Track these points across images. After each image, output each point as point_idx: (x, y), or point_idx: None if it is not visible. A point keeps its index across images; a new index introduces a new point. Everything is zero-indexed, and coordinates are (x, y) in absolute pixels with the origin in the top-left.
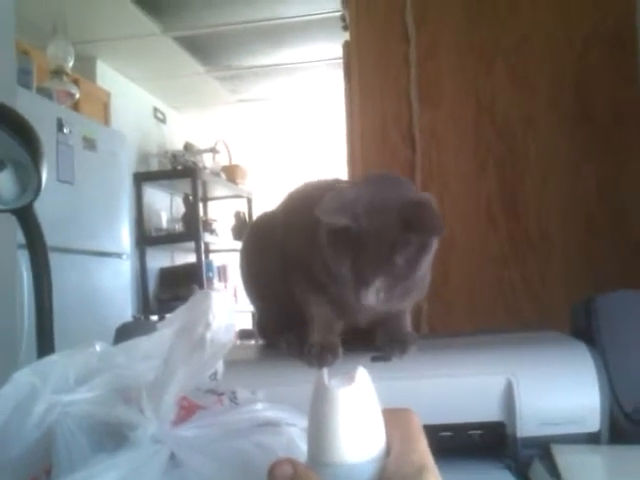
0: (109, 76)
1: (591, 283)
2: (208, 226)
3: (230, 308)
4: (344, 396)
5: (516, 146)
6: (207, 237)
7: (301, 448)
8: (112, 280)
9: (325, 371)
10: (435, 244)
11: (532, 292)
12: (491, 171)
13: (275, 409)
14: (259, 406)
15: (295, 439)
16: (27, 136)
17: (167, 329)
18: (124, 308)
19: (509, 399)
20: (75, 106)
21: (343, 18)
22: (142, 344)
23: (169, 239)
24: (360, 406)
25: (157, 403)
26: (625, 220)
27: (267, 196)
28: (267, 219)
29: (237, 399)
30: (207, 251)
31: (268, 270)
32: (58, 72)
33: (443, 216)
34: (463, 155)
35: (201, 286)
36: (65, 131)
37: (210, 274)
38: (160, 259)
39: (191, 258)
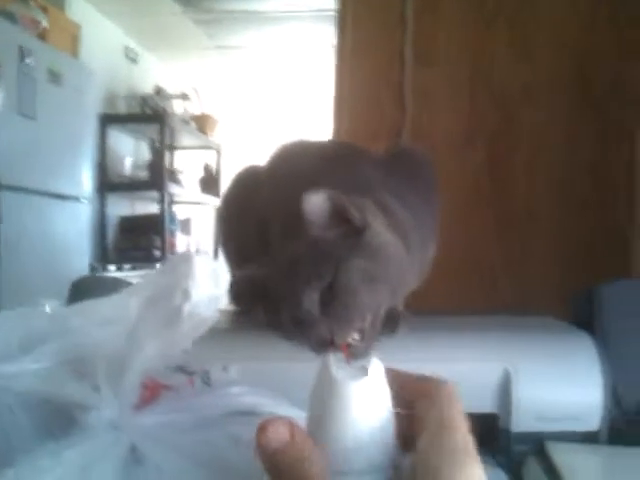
0: (79, 7)
1: (576, 267)
2: (173, 176)
3: (216, 274)
4: (357, 391)
5: (511, 117)
6: (172, 187)
7: None
8: (70, 225)
9: (331, 358)
10: None
11: (512, 272)
12: (482, 140)
13: (254, 394)
14: (235, 390)
15: None
16: None
17: (136, 294)
18: (81, 255)
19: (505, 390)
20: (41, 36)
21: None
22: (102, 306)
23: (132, 186)
24: (375, 404)
25: (117, 381)
26: (613, 203)
27: (237, 150)
28: (252, 176)
29: (210, 380)
30: (171, 202)
31: (249, 233)
32: None
33: None
34: (455, 120)
35: (163, 238)
36: (28, 61)
37: (173, 226)
38: (120, 206)
39: (153, 208)
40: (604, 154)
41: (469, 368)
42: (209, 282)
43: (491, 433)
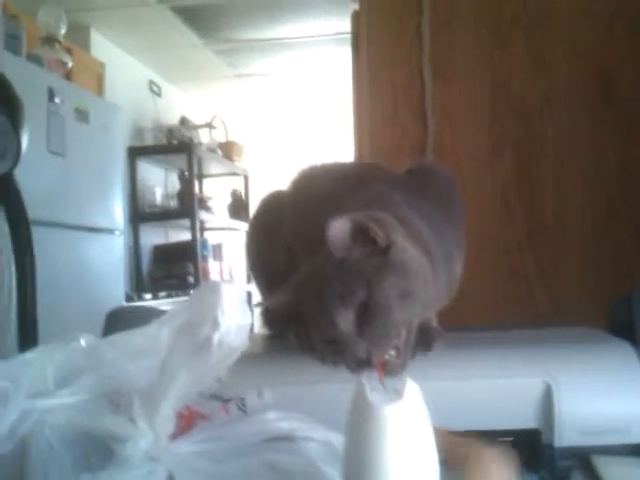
0: (103, 46)
1: (609, 273)
2: (203, 203)
3: (243, 304)
4: (393, 414)
5: (533, 127)
6: (202, 215)
7: (323, 470)
8: (104, 257)
9: (366, 382)
10: None
11: (547, 281)
12: (507, 153)
13: (289, 419)
14: (270, 415)
15: (314, 457)
16: (5, 96)
17: (166, 324)
18: (117, 286)
19: (547, 405)
20: (67, 76)
21: None
22: (135, 338)
23: (163, 216)
24: (412, 427)
25: (152, 412)
26: None
27: (264, 175)
28: (277, 201)
29: (245, 406)
30: (202, 229)
31: (278, 258)
32: (49, 39)
33: None
34: (477, 135)
35: (196, 265)
36: (56, 101)
37: (205, 252)
38: (154, 236)
39: (185, 236)
40: (631, 157)
41: (509, 384)
42: (237, 311)
43: (534, 449)
